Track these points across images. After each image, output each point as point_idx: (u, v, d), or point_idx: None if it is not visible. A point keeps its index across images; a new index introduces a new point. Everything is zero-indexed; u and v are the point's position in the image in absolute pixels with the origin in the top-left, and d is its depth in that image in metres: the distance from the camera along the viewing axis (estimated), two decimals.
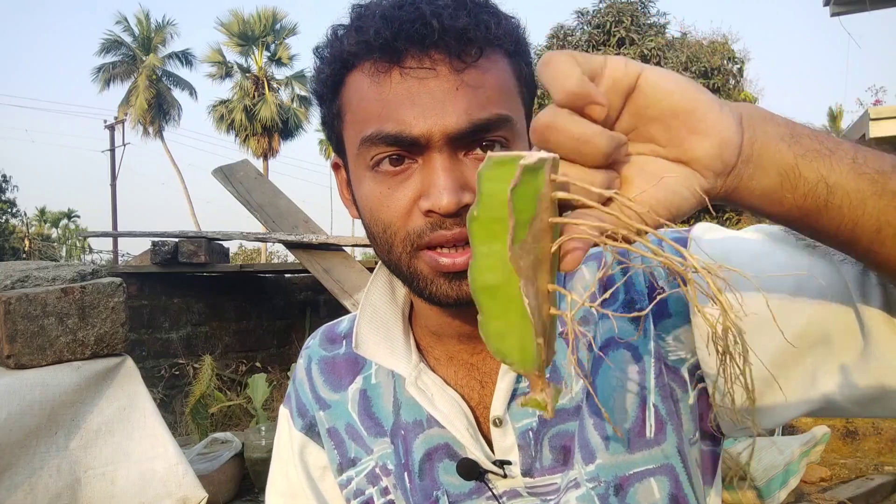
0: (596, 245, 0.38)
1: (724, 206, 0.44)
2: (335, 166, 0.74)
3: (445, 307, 0.65)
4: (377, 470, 0.75)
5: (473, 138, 0.60)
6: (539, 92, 0.70)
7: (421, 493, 0.71)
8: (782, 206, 0.44)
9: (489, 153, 0.37)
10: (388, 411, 0.75)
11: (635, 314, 0.64)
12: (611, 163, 0.40)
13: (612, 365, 0.66)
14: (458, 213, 0.59)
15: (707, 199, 0.42)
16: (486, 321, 0.39)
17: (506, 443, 0.67)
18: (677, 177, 0.41)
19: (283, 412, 0.85)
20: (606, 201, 0.39)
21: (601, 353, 0.66)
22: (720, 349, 0.39)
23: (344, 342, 0.82)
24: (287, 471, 0.82)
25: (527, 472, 0.67)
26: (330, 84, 0.66)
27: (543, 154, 0.36)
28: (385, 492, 0.74)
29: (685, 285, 0.37)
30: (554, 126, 0.39)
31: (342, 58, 0.63)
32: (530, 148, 0.66)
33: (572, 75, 0.38)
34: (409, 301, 0.77)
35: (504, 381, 0.67)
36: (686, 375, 0.65)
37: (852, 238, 0.45)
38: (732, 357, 0.39)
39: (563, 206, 0.39)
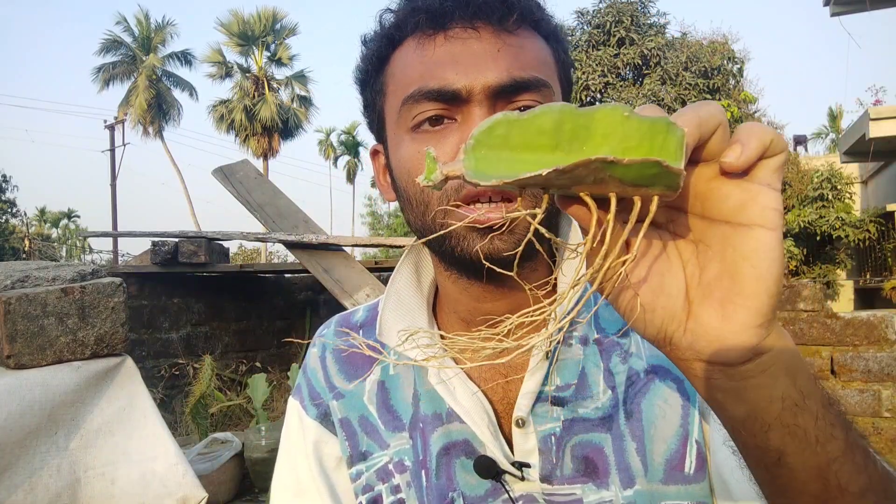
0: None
1: None
2: (374, 153, 0.74)
3: (476, 267, 0.63)
4: (390, 466, 0.73)
5: (512, 96, 0.61)
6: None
7: (436, 492, 0.69)
8: (728, 427, 0.42)
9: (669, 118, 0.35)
10: (408, 403, 0.73)
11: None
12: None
13: (655, 392, 0.65)
14: None
15: (669, 349, 0.41)
16: (515, 126, 0.36)
17: (527, 445, 0.66)
18: (670, 309, 0.40)
19: (293, 403, 0.82)
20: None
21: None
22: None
23: (361, 332, 0.80)
24: (296, 464, 0.80)
25: (546, 479, 0.65)
26: (375, 62, 0.68)
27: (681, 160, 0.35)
28: (395, 490, 0.72)
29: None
30: (713, 103, 0.38)
31: (388, 34, 0.66)
32: None
33: (782, 148, 0.37)
34: (434, 288, 0.76)
35: (531, 380, 0.66)
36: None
37: (766, 495, 0.45)
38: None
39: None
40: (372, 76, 0.69)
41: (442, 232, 0.57)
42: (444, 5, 0.62)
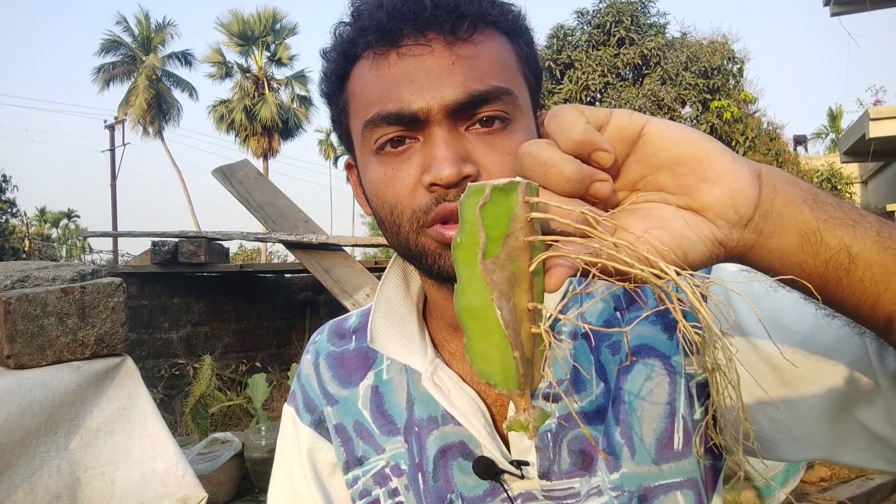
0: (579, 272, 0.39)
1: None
2: (348, 167, 0.74)
3: (453, 283, 0.64)
4: (387, 470, 0.73)
5: (472, 111, 0.60)
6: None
7: (434, 495, 0.69)
8: (803, 270, 0.43)
9: (469, 184, 0.38)
10: (402, 408, 0.73)
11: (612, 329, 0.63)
12: (606, 204, 0.41)
13: (641, 372, 0.65)
14: (460, 184, 0.59)
15: (723, 249, 0.42)
16: (470, 343, 0.39)
17: (523, 443, 0.66)
18: (686, 222, 0.41)
19: (288, 410, 0.83)
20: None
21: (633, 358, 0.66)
22: (708, 365, 0.39)
23: (353, 337, 0.80)
24: (291, 471, 0.80)
25: (544, 475, 0.66)
26: (335, 80, 0.67)
27: (517, 178, 0.38)
28: (394, 493, 0.73)
29: (669, 301, 0.37)
30: (528, 152, 0.40)
31: (343, 51, 0.65)
32: (537, 128, 0.67)
33: (577, 124, 0.39)
34: (423, 295, 0.76)
35: None
36: (694, 391, 0.65)
37: (872, 314, 0.44)
38: (720, 370, 0.38)
39: (549, 234, 0.40)
40: (334, 93, 0.68)
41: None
42: (392, 22, 0.60)
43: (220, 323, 6.62)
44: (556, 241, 0.38)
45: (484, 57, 0.61)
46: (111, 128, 23.30)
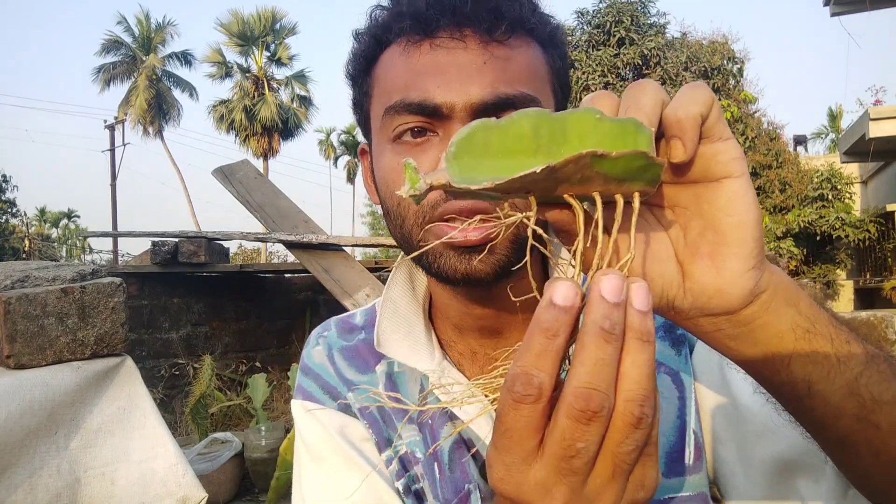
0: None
1: None
2: (362, 152, 0.74)
3: (454, 284, 0.63)
4: (409, 456, 0.73)
5: (497, 113, 0.59)
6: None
7: (451, 484, 0.69)
8: (752, 373, 0.43)
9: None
10: (415, 399, 0.73)
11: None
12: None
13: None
14: None
15: (672, 314, 0.41)
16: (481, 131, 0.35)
17: None
18: (666, 274, 0.40)
19: (300, 404, 0.79)
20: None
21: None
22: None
23: (362, 332, 0.80)
24: (335, 449, 0.74)
25: None
26: (363, 61, 0.66)
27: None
28: (416, 479, 0.72)
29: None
30: (640, 88, 0.38)
31: (376, 34, 0.64)
32: None
33: (696, 108, 0.37)
34: (429, 295, 0.76)
35: None
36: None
37: (811, 432, 0.44)
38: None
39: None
40: (360, 75, 0.67)
41: (419, 251, 0.57)
42: (430, 11, 0.59)
43: (220, 323, 6.61)
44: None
45: (516, 61, 0.60)
46: (111, 128, 23.28)
